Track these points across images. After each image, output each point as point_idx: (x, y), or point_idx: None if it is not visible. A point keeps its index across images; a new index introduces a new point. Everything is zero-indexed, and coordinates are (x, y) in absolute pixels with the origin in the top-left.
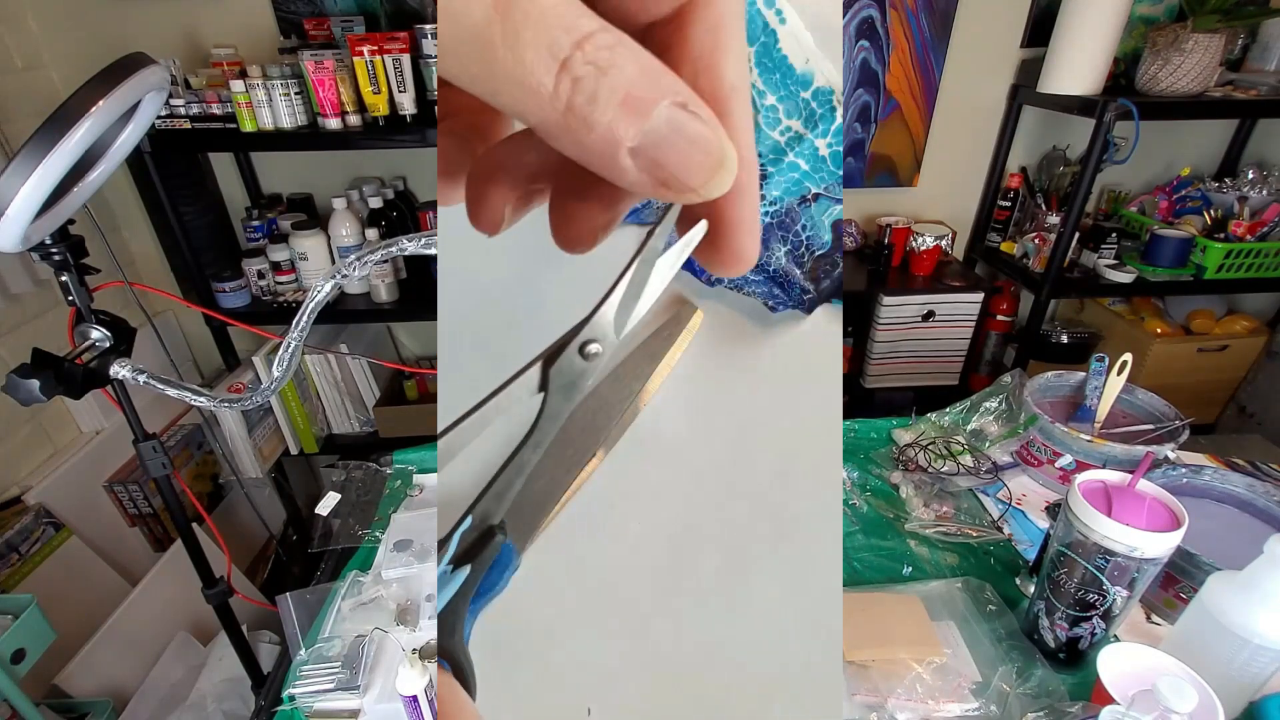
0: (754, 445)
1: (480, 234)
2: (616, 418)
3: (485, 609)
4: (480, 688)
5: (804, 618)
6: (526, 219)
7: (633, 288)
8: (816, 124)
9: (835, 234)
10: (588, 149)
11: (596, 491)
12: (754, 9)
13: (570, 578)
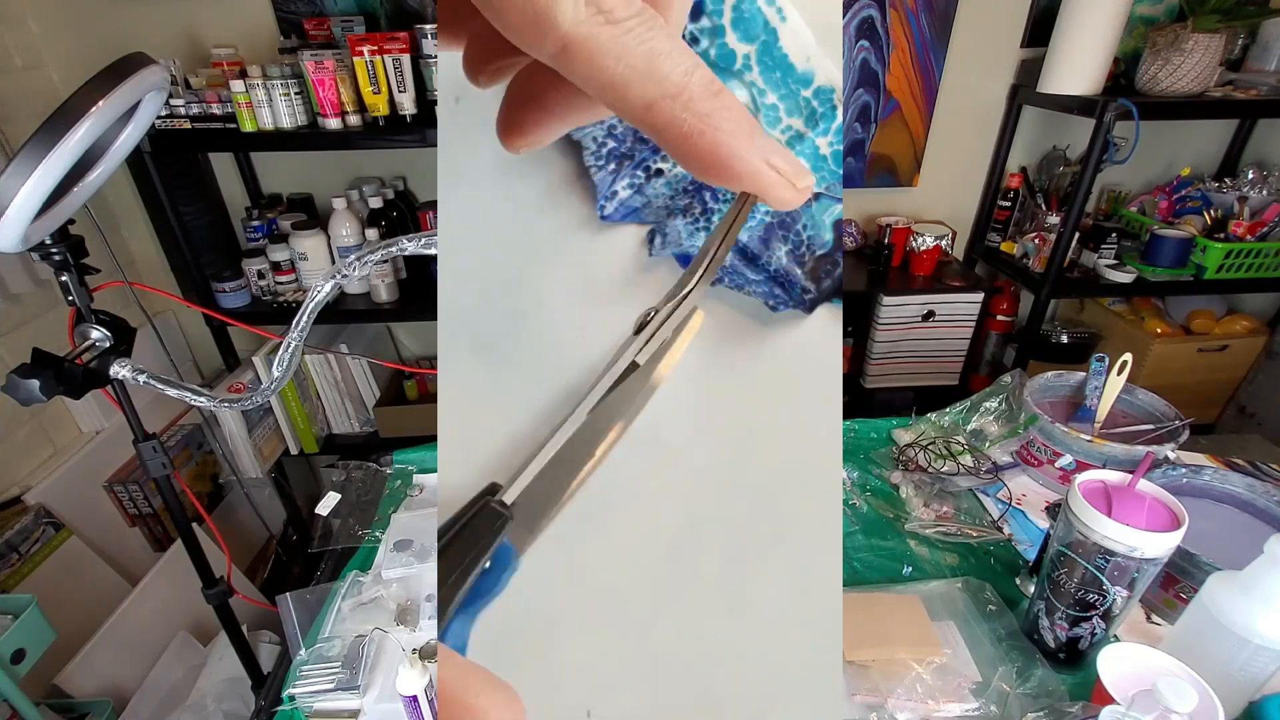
0: (754, 445)
1: (479, 231)
2: (616, 422)
3: (483, 611)
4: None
5: (804, 618)
6: (526, 219)
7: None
8: (817, 123)
9: (836, 234)
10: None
11: (596, 492)
12: (754, 7)
13: (570, 578)
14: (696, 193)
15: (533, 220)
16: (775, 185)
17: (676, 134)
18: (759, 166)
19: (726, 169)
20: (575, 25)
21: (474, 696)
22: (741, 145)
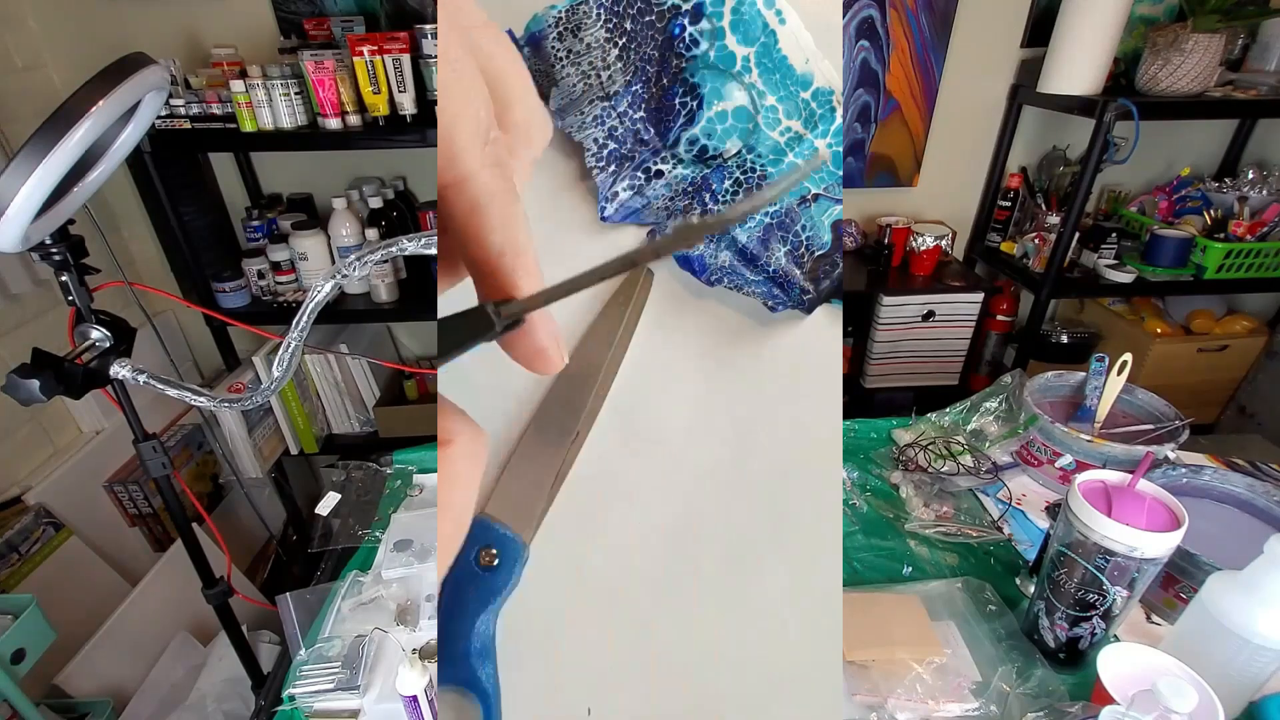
0: (754, 445)
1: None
2: (591, 389)
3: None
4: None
5: (804, 618)
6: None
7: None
8: (816, 124)
9: (835, 234)
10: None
11: (596, 491)
12: (754, 9)
13: (570, 578)
14: (696, 194)
15: (533, 221)
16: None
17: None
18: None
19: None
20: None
21: (447, 420)
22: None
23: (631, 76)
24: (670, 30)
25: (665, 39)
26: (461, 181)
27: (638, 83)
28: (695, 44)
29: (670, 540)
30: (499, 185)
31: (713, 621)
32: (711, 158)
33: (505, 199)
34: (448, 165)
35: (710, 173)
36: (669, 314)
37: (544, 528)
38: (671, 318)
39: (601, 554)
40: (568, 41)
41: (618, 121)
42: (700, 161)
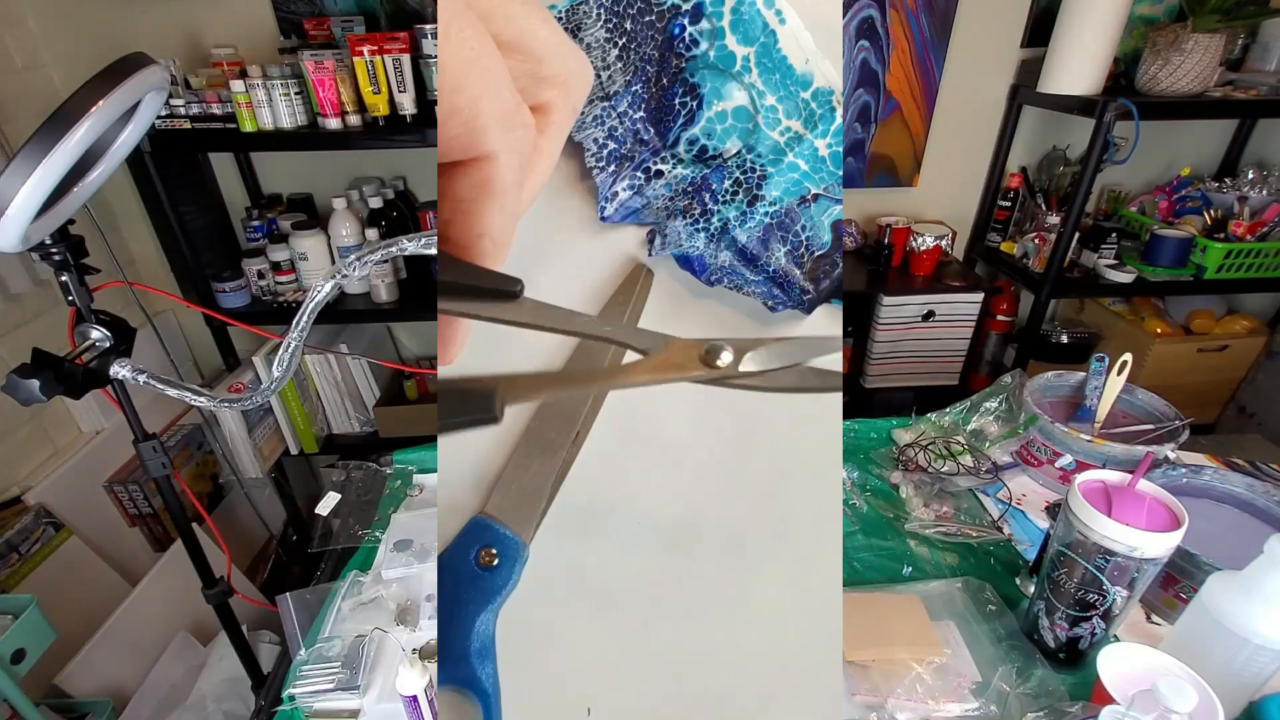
0: (754, 445)
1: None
2: (591, 389)
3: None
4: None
5: (804, 618)
6: (526, 219)
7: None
8: (816, 124)
9: (835, 234)
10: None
11: (596, 491)
12: (754, 9)
13: (570, 578)
14: (696, 194)
15: (534, 220)
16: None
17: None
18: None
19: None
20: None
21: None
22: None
23: (631, 76)
24: (670, 30)
25: (665, 39)
26: (482, 160)
27: (638, 83)
28: (695, 44)
29: (670, 540)
30: (513, 176)
31: (713, 621)
32: (711, 158)
33: (515, 192)
34: (470, 143)
35: (710, 172)
36: (669, 314)
37: (544, 528)
38: (671, 318)
39: (601, 554)
40: None
41: (617, 121)
42: (700, 161)
